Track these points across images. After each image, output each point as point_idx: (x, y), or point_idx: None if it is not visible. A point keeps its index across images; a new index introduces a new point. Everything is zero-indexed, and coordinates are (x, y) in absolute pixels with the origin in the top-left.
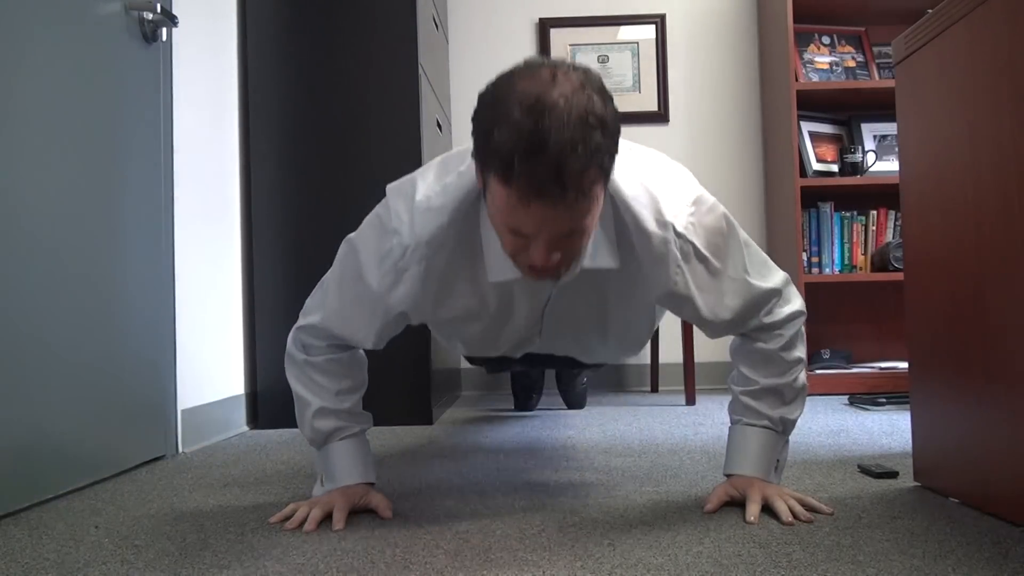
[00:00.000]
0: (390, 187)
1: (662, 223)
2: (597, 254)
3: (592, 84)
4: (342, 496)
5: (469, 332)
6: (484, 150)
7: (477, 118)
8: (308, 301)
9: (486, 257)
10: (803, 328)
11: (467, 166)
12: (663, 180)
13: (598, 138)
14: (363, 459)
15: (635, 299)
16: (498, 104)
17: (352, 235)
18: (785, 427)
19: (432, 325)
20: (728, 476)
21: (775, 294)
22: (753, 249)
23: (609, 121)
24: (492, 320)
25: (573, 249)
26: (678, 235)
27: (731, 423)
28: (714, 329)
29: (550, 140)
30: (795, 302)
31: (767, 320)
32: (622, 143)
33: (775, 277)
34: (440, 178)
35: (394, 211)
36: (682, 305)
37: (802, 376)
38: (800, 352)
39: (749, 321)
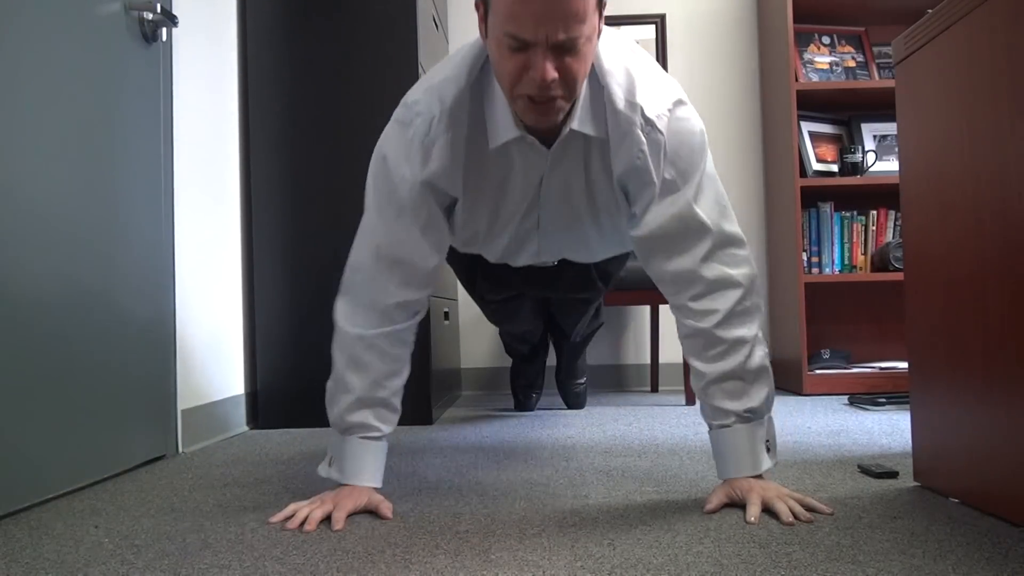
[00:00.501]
0: (402, 101)
1: (631, 104)
2: (582, 119)
3: None
4: (343, 496)
5: (478, 214)
6: None
7: None
8: (351, 256)
9: (489, 125)
10: (753, 305)
11: (468, 45)
12: (649, 73)
13: None
14: (375, 464)
15: (613, 181)
16: None
17: (377, 149)
18: (755, 414)
19: (457, 220)
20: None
21: (710, 235)
22: (717, 186)
23: None
24: (499, 194)
25: (571, 71)
26: (646, 119)
27: (708, 428)
28: (635, 230)
29: None
30: (741, 269)
31: (702, 270)
32: (626, 40)
33: (724, 224)
34: (443, 65)
35: (411, 100)
36: (640, 189)
37: (756, 355)
38: (744, 331)
39: (678, 255)
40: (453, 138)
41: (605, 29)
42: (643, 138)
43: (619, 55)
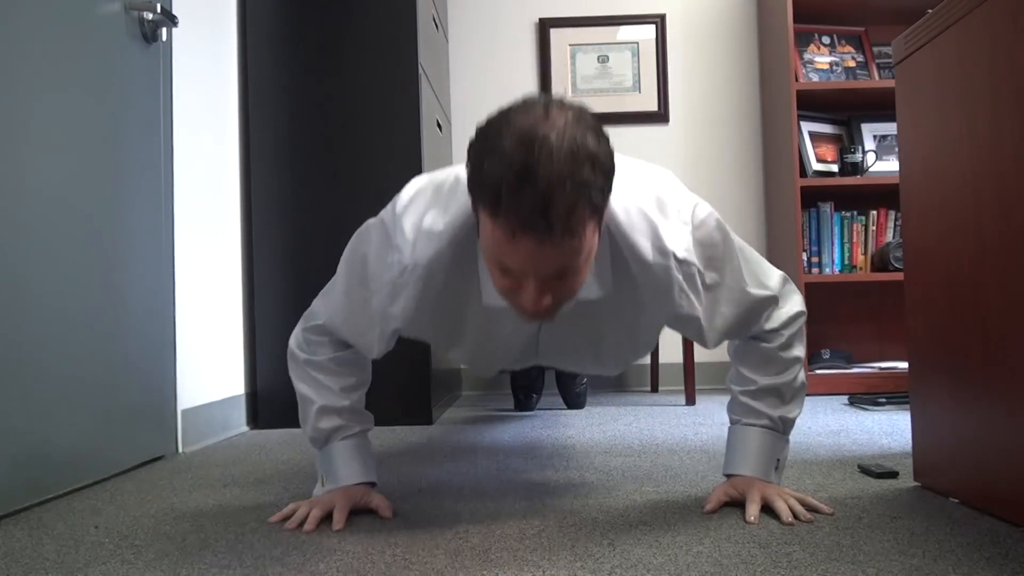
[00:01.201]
0: (403, 200)
1: (662, 251)
2: (589, 285)
3: (586, 121)
4: (342, 496)
5: (465, 350)
6: (475, 181)
7: (471, 150)
8: (316, 302)
9: (482, 280)
10: (804, 327)
11: (460, 196)
12: (658, 200)
13: (588, 174)
14: (364, 459)
15: (633, 324)
16: (491, 137)
17: (358, 240)
18: (785, 426)
19: (431, 343)
20: (728, 476)
21: (772, 301)
22: (748, 254)
23: (602, 158)
24: (488, 341)
25: (565, 291)
26: (680, 261)
27: (730, 423)
28: (712, 340)
29: (539, 173)
30: (794, 302)
31: (767, 325)
32: (626, 166)
33: (772, 281)
34: (448, 207)
35: (400, 228)
36: (687, 324)
37: (801, 375)
38: (799, 351)
39: (747, 328)
40: (422, 293)
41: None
42: (680, 277)
43: (625, 197)
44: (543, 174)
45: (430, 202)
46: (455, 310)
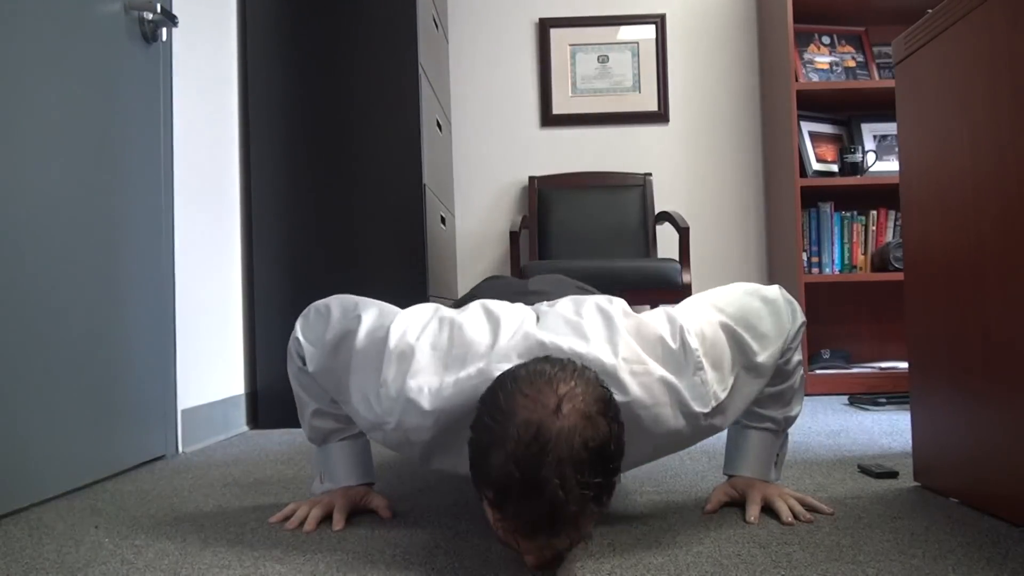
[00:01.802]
0: (395, 333)
1: (690, 415)
2: None
3: (599, 405)
4: (342, 496)
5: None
6: (478, 469)
7: (476, 429)
8: (311, 326)
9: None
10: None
11: (472, 380)
12: (670, 357)
13: (598, 480)
14: (363, 460)
15: (653, 453)
16: (497, 422)
17: (359, 326)
18: (786, 425)
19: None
20: (728, 476)
21: (775, 341)
22: (742, 322)
23: (613, 450)
24: None
25: (568, 554)
26: (706, 415)
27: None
28: (739, 414)
29: (546, 486)
30: (796, 318)
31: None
32: (600, 321)
33: (767, 327)
34: (442, 373)
35: (386, 379)
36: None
37: (801, 376)
38: (799, 355)
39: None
40: (399, 444)
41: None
42: (710, 420)
43: (643, 371)
44: (550, 487)
45: (427, 358)
46: (444, 458)
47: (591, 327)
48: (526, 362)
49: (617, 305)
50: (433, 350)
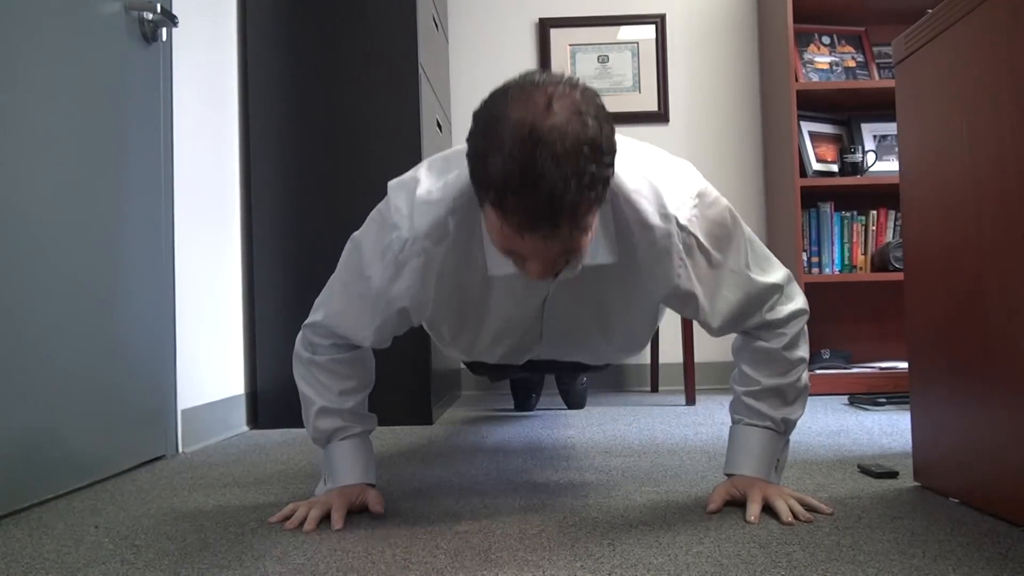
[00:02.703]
0: (392, 183)
1: (665, 216)
2: (595, 251)
3: (588, 105)
4: (340, 496)
5: (468, 333)
6: (479, 175)
7: (472, 139)
8: (317, 300)
9: (487, 251)
10: (806, 327)
11: (456, 169)
12: (665, 173)
13: (592, 169)
14: (363, 460)
15: (636, 296)
16: (492, 129)
17: (356, 233)
18: (787, 427)
19: (432, 327)
20: (729, 476)
21: (776, 290)
22: (756, 244)
23: (604, 146)
24: (491, 318)
25: (570, 264)
26: (681, 228)
27: (732, 422)
28: (714, 325)
29: (543, 176)
30: (798, 300)
31: (769, 317)
32: (622, 139)
33: (777, 273)
34: (441, 174)
35: (394, 206)
36: (686, 302)
37: (805, 376)
38: (803, 352)
39: (750, 317)
40: (425, 264)
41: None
42: (680, 244)
43: (633, 165)
44: (548, 176)
45: (423, 176)
46: (459, 284)
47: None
48: (513, 77)
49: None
50: (429, 169)
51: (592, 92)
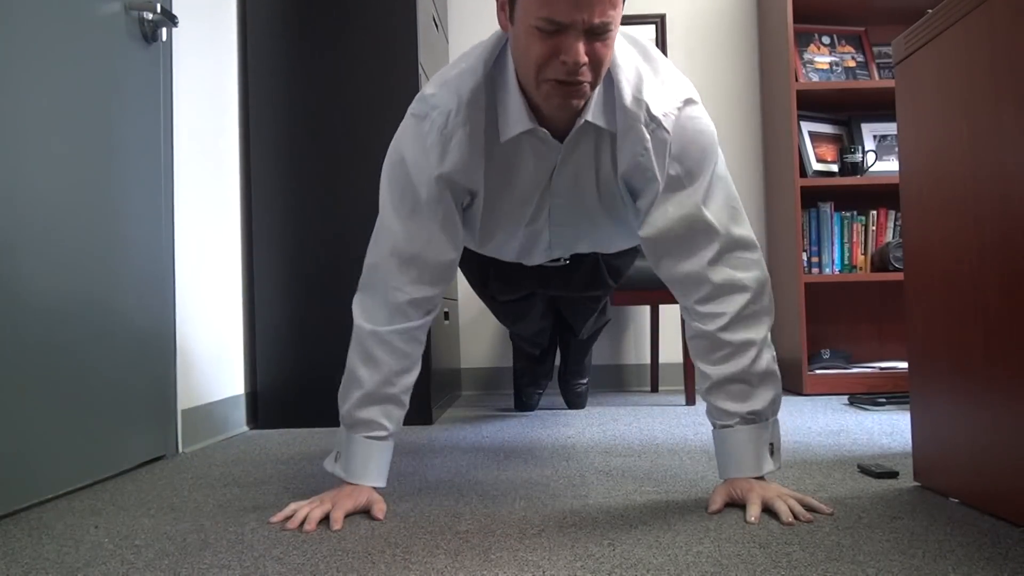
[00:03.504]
0: (418, 95)
1: (637, 100)
2: (595, 111)
3: None
4: (345, 496)
5: (495, 216)
6: None
7: None
8: (368, 256)
9: (501, 117)
10: (761, 308)
11: (482, 44)
12: (660, 72)
13: None
14: (380, 464)
15: (619, 175)
16: None
17: (390, 150)
18: (759, 416)
19: (473, 217)
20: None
21: (717, 238)
22: (727, 187)
23: None
24: (509, 188)
25: (599, 56)
26: (651, 116)
27: (712, 427)
28: (640, 232)
29: None
30: (746, 273)
31: (707, 273)
32: (641, 39)
33: (733, 226)
34: (457, 61)
35: (427, 94)
36: (642, 183)
37: (763, 358)
38: (751, 334)
39: (683, 258)
40: (472, 131)
41: (621, 27)
42: (647, 135)
43: (632, 52)
44: None
45: (441, 70)
46: (491, 156)
47: None
48: None
49: None
50: (448, 66)
51: None
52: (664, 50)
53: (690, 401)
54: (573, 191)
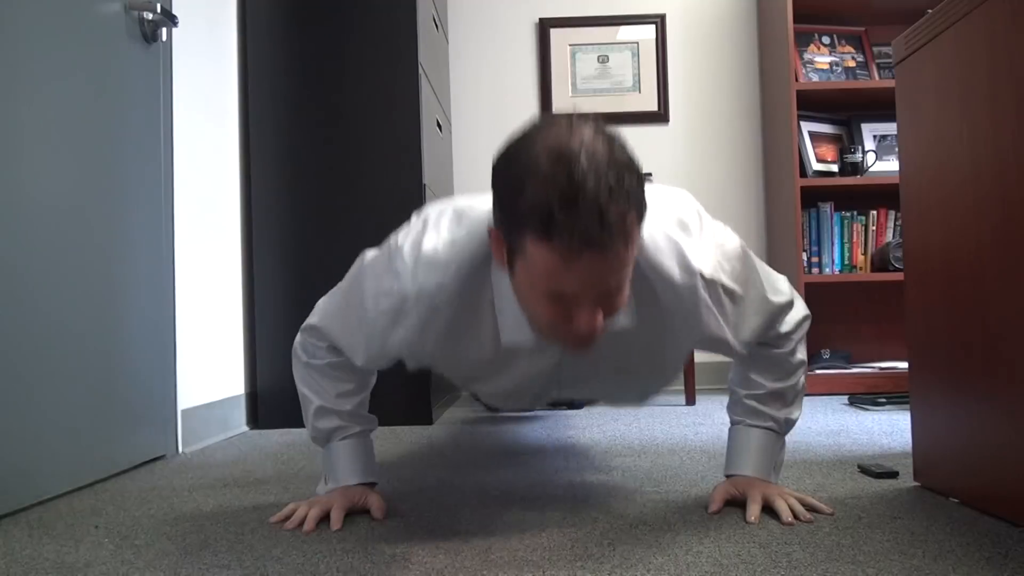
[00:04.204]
0: (411, 218)
1: (689, 271)
2: (621, 316)
3: (607, 130)
4: (341, 496)
5: (477, 386)
6: (514, 211)
7: (499, 181)
8: (319, 302)
9: (499, 319)
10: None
11: (479, 224)
12: (679, 222)
13: (631, 180)
14: (364, 459)
15: (661, 349)
16: (521, 162)
17: (367, 253)
18: (786, 428)
19: (434, 369)
20: (728, 477)
21: (789, 306)
22: (761, 264)
23: (635, 164)
24: (503, 377)
25: (616, 306)
26: (706, 280)
27: (731, 424)
28: (740, 351)
29: (587, 186)
30: (800, 306)
31: (782, 329)
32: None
33: (784, 287)
34: (452, 230)
35: (401, 252)
36: (715, 345)
37: (803, 379)
38: (802, 355)
39: (768, 333)
40: (425, 324)
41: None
42: (707, 298)
43: (651, 221)
44: (591, 186)
45: (431, 227)
46: (464, 346)
47: None
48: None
49: None
50: (438, 219)
51: (603, 121)
52: (664, 50)
53: (690, 401)
54: (589, 371)
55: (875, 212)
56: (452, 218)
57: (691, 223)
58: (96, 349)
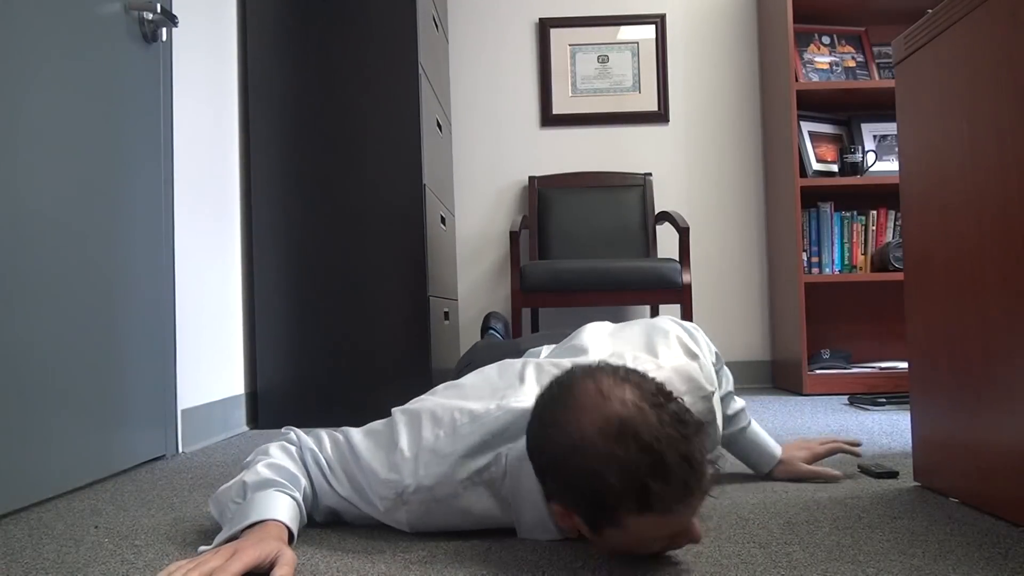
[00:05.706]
0: (403, 409)
1: (705, 396)
2: None
3: (623, 374)
4: (249, 545)
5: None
6: (600, 502)
7: (561, 474)
8: (353, 432)
9: (516, 513)
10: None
11: (494, 408)
12: (678, 371)
13: (678, 408)
14: (292, 510)
15: None
16: (581, 455)
17: (391, 423)
18: (748, 417)
19: None
20: (767, 473)
21: (726, 377)
22: (703, 357)
23: (666, 390)
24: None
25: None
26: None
27: (735, 443)
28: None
29: (661, 447)
30: (723, 368)
31: (730, 389)
32: (617, 363)
33: (697, 340)
34: (451, 425)
35: (398, 446)
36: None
37: (742, 409)
38: (738, 402)
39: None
40: (428, 510)
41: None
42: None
43: (657, 370)
44: (666, 446)
45: (424, 425)
46: (472, 513)
47: (594, 345)
48: (541, 393)
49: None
50: (435, 423)
51: (623, 368)
52: (664, 50)
53: None
54: None
55: (875, 212)
56: (449, 423)
57: (674, 347)
58: (96, 349)
